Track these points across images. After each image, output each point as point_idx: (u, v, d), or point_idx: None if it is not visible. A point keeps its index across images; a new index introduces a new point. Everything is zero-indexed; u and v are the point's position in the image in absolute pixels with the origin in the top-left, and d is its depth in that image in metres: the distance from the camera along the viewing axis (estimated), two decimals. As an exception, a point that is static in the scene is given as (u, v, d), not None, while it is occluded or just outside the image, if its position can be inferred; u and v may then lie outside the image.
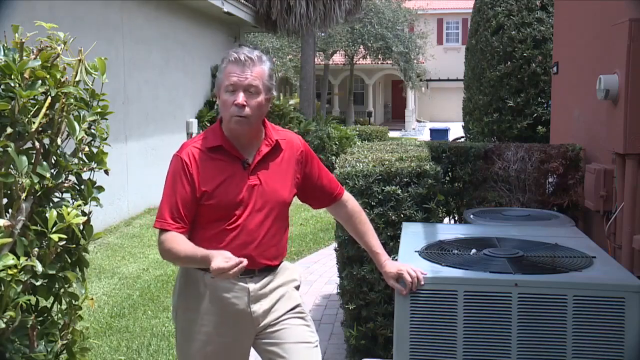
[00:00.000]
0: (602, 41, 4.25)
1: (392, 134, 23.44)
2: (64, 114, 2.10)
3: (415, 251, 2.57)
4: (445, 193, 4.54)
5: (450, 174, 4.78)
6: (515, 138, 7.21)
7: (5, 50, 1.97)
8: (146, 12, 9.12)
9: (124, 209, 8.29)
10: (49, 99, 2.03)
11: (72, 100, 2.13)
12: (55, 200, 2.15)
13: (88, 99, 2.21)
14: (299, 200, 2.44)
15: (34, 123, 1.98)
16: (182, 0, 10.01)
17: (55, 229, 1.99)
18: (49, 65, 2.07)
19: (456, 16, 32.91)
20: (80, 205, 2.11)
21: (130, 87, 8.58)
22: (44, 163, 2.04)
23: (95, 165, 2.25)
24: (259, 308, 2.23)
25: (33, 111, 2.01)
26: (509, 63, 7.59)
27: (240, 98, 2.13)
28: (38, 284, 2.02)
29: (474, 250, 2.55)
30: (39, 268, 1.94)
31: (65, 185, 2.14)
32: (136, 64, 8.76)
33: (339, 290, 3.83)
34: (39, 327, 2.09)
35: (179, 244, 2.12)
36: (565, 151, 4.60)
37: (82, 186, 2.22)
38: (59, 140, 2.11)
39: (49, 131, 2.08)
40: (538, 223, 3.70)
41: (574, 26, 5.29)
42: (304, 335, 2.28)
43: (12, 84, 1.93)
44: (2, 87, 1.95)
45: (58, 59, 2.09)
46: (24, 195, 1.95)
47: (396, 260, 2.45)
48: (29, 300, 2.02)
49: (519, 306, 2.19)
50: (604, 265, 2.40)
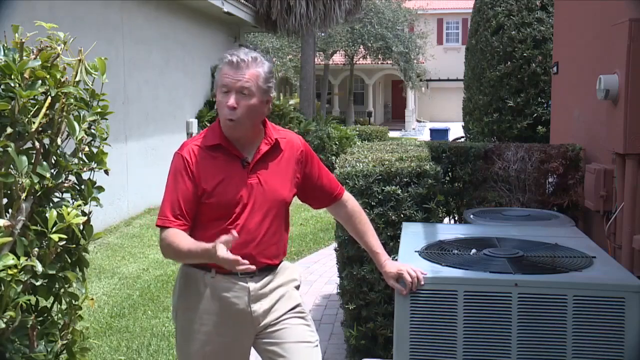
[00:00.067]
0: (602, 41, 4.25)
1: (392, 134, 23.44)
2: (64, 114, 2.10)
3: (415, 251, 2.57)
4: (445, 193, 4.54)
5: (450, 174, 4.78)
6: (515, 138, 7.20)
7: (5, 50, 1.97)
8: (146, 12, 9.12)
9: (124, 209, 8.30)
10: (49, 99, 2.03)
11: (72, 100, 2.13)
12: (55, 200, 2.15)
13: (88, 99, 2.21)
14: (299, 200, 2.45)
15: (34, 123, 1.98)
16: (182, 0, 10.01)
17: (55, 229, 1.99)
18: (49, 65, 2.07)
19: (456, 16, 32.91)
20: (80, 205, 2.11)
21: (130, 87, 8.58)
22: (44, 163, 2.04)
23: (95, 165, 2.25)
24: (259, 307, 2.23)
25: (33, 111, 2.01)
26: (509, 63, 7.59)
27: (231, 100, 2.13)
28: (38, 284, 2.02)
29: (474, 250, 2.55)
30: (39, 268, 1.94)
31: (65, 185, 2.14)
32: (136, 64, 8.76)
33: (339, 290, 3.83)
34: (39, 327, 2.09)
35: (180, 239, 2.11)
36: (565, 151, 4.60)
37: (82, 186, 2.22)
38: (59, 140, 2.11)
39: (49, 131, 2.08)
40: (538, 223, 3.70)
41: (574, 26, 5.29)
42: (304, 335, 2.28)
43: (12, 84, 1.93)
44: (2, 87, 1.95)
45: (58, 59, 2.09)
46: (24, 195, 1.95)
47: (396, 260, 2.45)
48: (29, 300, 2.02)
49: (519, 306, 2.19)
50: (604, 265, 2.40)
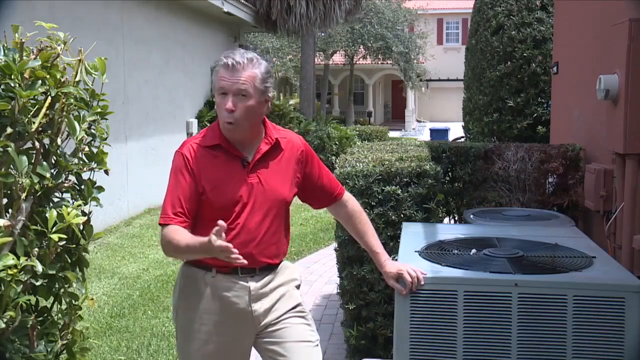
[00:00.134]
0: (602, 41, 4.25)
1: (392, 134, 23.44)
2: (64, 114, 2.10)
3: (415, 251, 2.57)
4: (445, 193, 4.54)
5: (450, 174, 4.78)
6: (515, 138, 7.20)
7: (5, 50, 1.97)
8: (146, 12, 9.12)
9: (124, 209, 8.30)
10: (49, 99, 2.03)
11: (72, 100, 2.13)
12: (55, 200, 2.15)
13: (88, 99, 2.21)
14: (299, 200, 2.45)
15: (34, 123, 1.98)
16: (182, 0, 10.01)
17: (55, 229, 1.99)
18: (49, 65, 2.07)
19: (456, 16, 32.91)
20: (80, 205, 2.11)
21: (130, 87, 8.58)
22: (44, 163, 2.04)
23: (95, 165, 2.25)
24: (259, 307, 2.23)
25: (33, 111, 2.01)
26: (509, 63, 7.59)
27: (229, 103, 2.14)
28: (38, 284, 2.02)
29: (474, 250, 2.55)
30: (39, 268, 1.95)
31: (65, 185, 2.14)
32: (136, 64, 8.77)
33: (339, 290, 3.83)
34: (39, 327, 2.09)
35: (180, 235, 2.10)
36: (565, 151, 4.60)
37: (82, 186, 2.22)
38: (59, 140, 2.11)
39: (49, 131, 2.08)
40: (538, 223, 3.70)
41: (574, 26, 5.29)
42: (304, 334, 2.28)
43: (12, 84, 1.94)
44: (2, 87, 1.95)
45: (58, 59, 2.10)
46: (24, 195, 1.95)
47: (396, 260, 2.45)
48: (29, 300, 2.02)
49: (519, 306, 2.19)
50: (604, 265, 2.40)
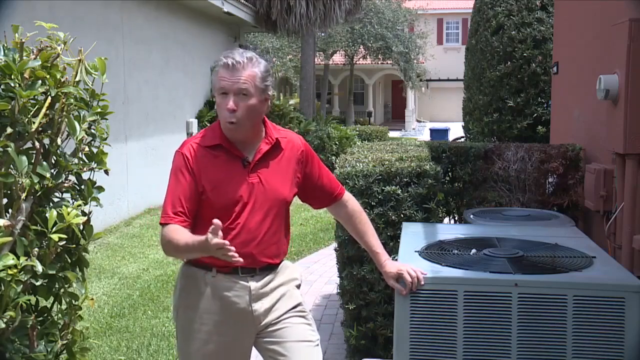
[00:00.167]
0: (602, 41, 4.25)
1: (392, 134, 23.43)
2: (64, 114, 2.10)
3: (415, 251, 2.57)
4: (445, 193, 4.54)
5: (450, 174, 4.78)
6: (515, 138, 7.20)
7: (5, 50, 1.97)
8: (146, 12, 9.12)
9: (124, 209, 8.30)
10: (49, 99, 2.03)
11: (72, 100, 2.13)
12: (55, 200, 2.15)
13: (88, 99, 2.21)
14: (299, 200, 2.45)
15: (34, 123, 1.98)
16: (182, 0, 10.01)
17: (55, 229, 1.99)
18: (49, 65, 2.07)
19: (456, 16, 32.91)
20: (80, 205, 2.11)
21: (130, 87, 8.58)
22: (44, 163, 2.04)
23: (95, 165, 2.25)
24: (260, 307, 2.23)
25: (33, 111, 2.01)
26: (509, 63, 7.59)
27: (230, 103, 2.14)
28: (38, 284, 2.02)
29: (474, 250, 2.55)
30: (39, 268, 1.94)
31: (65, 185, 2.14)
32: (136, 64, 8.76)
33: (339, 290, 3.83)
34: (39, 327, 2.09)
35: (179, 234, 2.10)
36: (565, 151, 4.60)
37: (82, 186, 2.22)
38: (59, 140, 2.11)
39: (49, 131, 2.08)
40: (538, 223, 3.70)
41: (574, 26, 5.29)
42: (305, 334, 2.28)
43: (12, 84, 1.93)
44: (2, 87, 1.95)
45: (58, 59, 2.09)
46: (24, 195, 1.95)
47: (396, 260, 2.45)
48: (29, 300, 2.02)
49: (519, 306, 2.19)
50: (604, 265, 2.40)
